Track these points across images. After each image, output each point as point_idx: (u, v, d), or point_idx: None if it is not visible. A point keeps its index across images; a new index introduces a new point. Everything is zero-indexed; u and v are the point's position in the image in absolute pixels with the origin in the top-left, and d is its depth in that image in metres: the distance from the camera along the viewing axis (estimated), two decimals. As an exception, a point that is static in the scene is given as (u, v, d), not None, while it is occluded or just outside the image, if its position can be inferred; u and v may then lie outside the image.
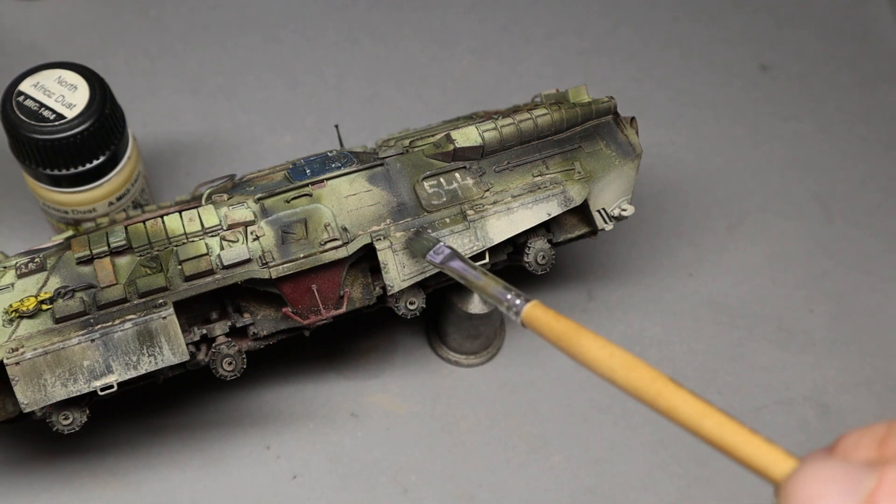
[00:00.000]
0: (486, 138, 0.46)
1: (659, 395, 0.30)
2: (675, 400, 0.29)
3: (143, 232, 0.43)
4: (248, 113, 0.60)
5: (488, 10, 0.65)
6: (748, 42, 0.65)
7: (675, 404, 0.29)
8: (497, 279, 0.37)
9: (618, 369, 0.31)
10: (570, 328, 0.33)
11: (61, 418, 0.42)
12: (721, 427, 0.28)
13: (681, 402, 0.29)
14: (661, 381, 0.30)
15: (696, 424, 0.29)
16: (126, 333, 0.41)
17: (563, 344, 0.33)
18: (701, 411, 0.29)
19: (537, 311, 0.35)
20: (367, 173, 0.45)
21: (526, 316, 0.35)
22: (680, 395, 0.29)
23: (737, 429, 0.28)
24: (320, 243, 0.43)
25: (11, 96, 0.47)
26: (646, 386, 0.30)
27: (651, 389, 0.30)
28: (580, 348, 0.32)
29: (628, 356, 0.31)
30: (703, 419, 0.29)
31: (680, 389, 0.30)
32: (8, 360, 0.40)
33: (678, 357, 0.53)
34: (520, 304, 0.36)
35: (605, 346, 0.32)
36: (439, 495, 0.48)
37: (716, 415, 0.29)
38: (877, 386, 0.52)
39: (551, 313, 0.34)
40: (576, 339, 0.32)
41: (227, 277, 0.42)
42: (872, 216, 0.58)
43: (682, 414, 0.29)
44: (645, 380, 0.30)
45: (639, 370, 0.30)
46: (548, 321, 0.34)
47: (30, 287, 0.42)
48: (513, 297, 0.36)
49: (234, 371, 0.44)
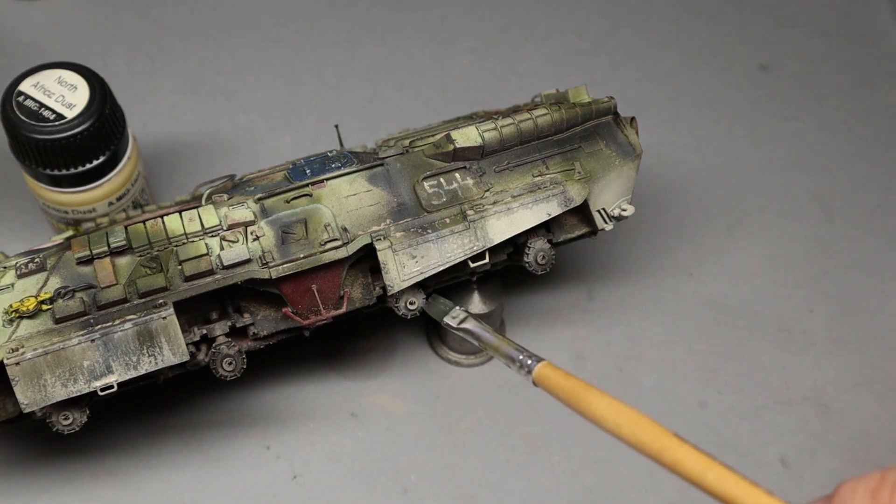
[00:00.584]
0: (486, 138, 0.46)
1: (664, 451, 0.32)
2: (678, 454, 0.31)
3: (143, 232, 0.43)
4: (248, 113, 0.60)
5: (488, 10, 0.65)
6: (748, 42, 0.65)
7: (678, 458, 0.31)
8: (511, 341, 0.40)
9: (624, 425, 0.33)
10: (579, 387, 0.35)
11: (61, 418, 0.42)
12: (723, 480, 0.30)
13: (684, 456, 0.31)
14: (666, 436, 0.32)
15: (700, 478, 0.31)
16: (126, 334, 0.41)
17: (573, 402, 0.35)
18: (703, 465, 0.31)
19: (547, 371, 0.37)
20: (367, 173, 0.45)
21: (537, 375, 0.38)
22: (683, 450, 0.31)
23: (738, 481, 0.30)
24: (320, 243, 0.43)
25: (11, 96, 0.47)
26: (650, 442, 0.32)
27: (656, 445, 0.32)
28: (588, 406, 0.34)
29: (633, 413, 0.33)
30: (706, 472, 0.31)
31: (683, 444, 0.31)
32: (8, 360, 0.40)
33: (678, 357, 0.53)
34: (531, 363, 0.38)
35: (611, 404, 0.34)
36: (439, 495, 0.48)
37: (717, 468, 0.31)
38: (877, 386, 0.52)
39: (560, 373, 0.37)
40: (584, 397, 0.34)
41: (227, 278, 0.42)
42: (872, 216, 0.58)
43: (686, 468, 0.31)
44: (650, 435, 0.32)
45: (643, 426, 0.32)
46: (557, 380, 0.36)
47: (30, 287, 0.42)
48: (525, 357, 0.39)
49: (234, 371, 0.44)
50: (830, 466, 0.50)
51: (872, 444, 0.50)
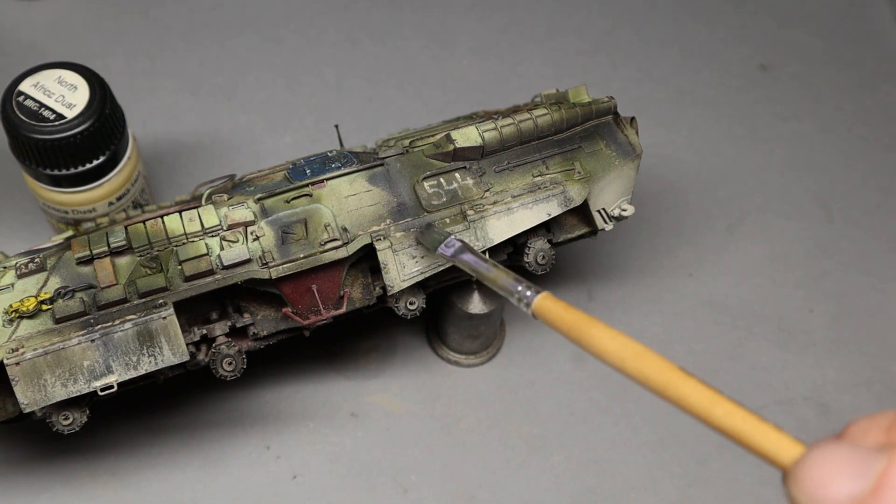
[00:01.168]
0: (486, 138, 0.46)
1: (669, 384, 0.30)
2: (684, 388, 0.30)
3: (143, 232, 0.43)
4: (248, 113, 0.60)
5: (488, 10, 0.65)
6: (748, 42, 0.65)
7: (685, 393, 0.30)
8: (508, 271, 0.38)
9: (628, 359, 0.31)
10: (581, 319, 0.33)
11: (61, 418, 0.42)
12: (731, 415, 0.29)
13: (690, 390, 0.29)
14: (671, 370, 0.30)
15: (706, 412, 0.29)
16: (126, 334, 0.41)
17: (574, 334, 0.33)
18: (711, 399, 0.29)
19: (548, 303, 0.35)
20: (367, 173, 0.45)
21: (537, 307, 0.35)
22: (690, 384, 0.30)
23: (746, 416, 0.28)
24: (320, 243, 0.43)
25: (11, 96, 0.47)
26: (655, 375, 0.30)
27: (661, 378, 0.30)
28: (591, 338, 0.32)
29: (638, 346, 0.31)
30: (713, 407, 0.29)
31: (689, 378, 0.30)
32: (8, 360, 0.40)
33: (678, 357, 0.53)
34: (530, 295, 0.36)
35: (615, 337, 0.32)
36: (439, 495, 0.48)
37: (725, 403, 0.29)
38: (877, 386, 0.52)
39: (561, 304, 0.34)
40: (586, 329, 0.33)
41: (227, 278, 0.42)
42: (872, 216, 0.58)
43: (692, 402, 0.29)
44: (655, 369, 0.30)
45: (649, 360, 0.31)
46: (558, 312, 0.34)
47: (30, 287, 0.42)
48: (523, 288, 0.36)
49: (234, 371, 0.44)
50: (830, 466, 0.49)
51: (872, 444, 0.50)
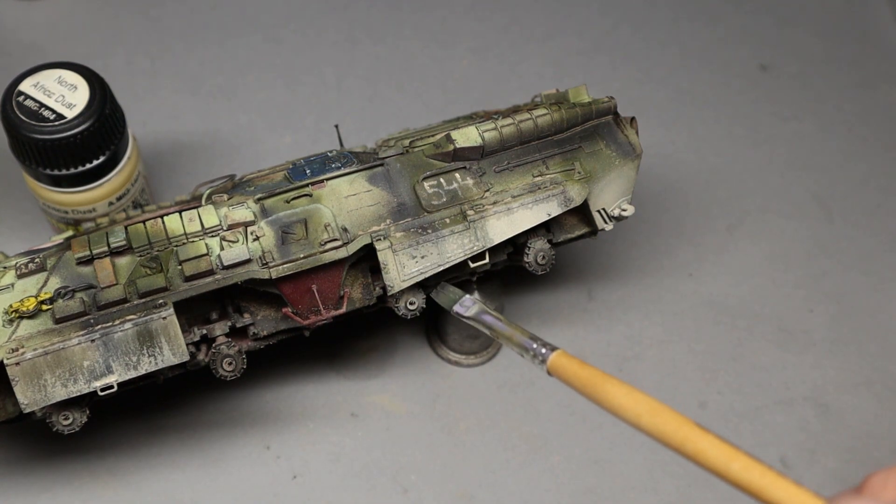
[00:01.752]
0: (487, 138, 0.46)
1: (686, 440, 0.30)
2: (701, 444, 0.30)
3: (143, 232, 0.43)
4: (248, 113, 0.60)
5: (488, 10, 0.65)
6: (748, 42, 0.65)
7: (702, 448, 0.30)
8: (523, 329, 0.38)
9: (644, 415, 0.31)
10: (595, 376, 0.33)
11: (61, 418, 0.42)
12: (748, 470, 0.29)
13: (708, 446, 0.30)
14: (688, 426, 0.30)
15: (724, 468, 0.29)
16: (126, 334, 0.41)
17: (589, 391, 0.33)
18: (728, 455, 0.29)
19: (563, 360, 0.36)
20: (367, 173, 0.45)
21: (552, 365, 0.36)
22: (706, 440, 0.30)
23: (764, 471, 0.29)
24: (320, 243, 0.43)
25: (11, 96, 0.47)
26: (672, 432, 0.31)
27: (678, 435, 0.30)
28: (606, 395, 0.33)
29: (654, 402, 0.31)
30: (731, 462, 0.29)
31: (706, 434, 0.30)
32: (8, 360, 0.40)
33: (678, 357, 0.53)
34: (545, 353, 0.37)
35: (630, 393, 0.32)
36: (439, 495, 0.48)
37: (742, 458, 0.29)
38: (877, 386, 0.52)
39: (576, 361, 0.35)
40: (601, 386, 0.33)
41: (227, 278, 0.42)
42: (872, 216, 0.58)
43: (710, 458, 0.30)
44: (671, 425, 0.31)
45: (664, 416, 0.31)
46: (573, 369, 0.35)
47: (30, 287, 0.42)
48: (538, 346, 0.37)
49: (234, 371, 0.44)
50: (830, 466, 0.50)
51: (872, 444, 0.50)
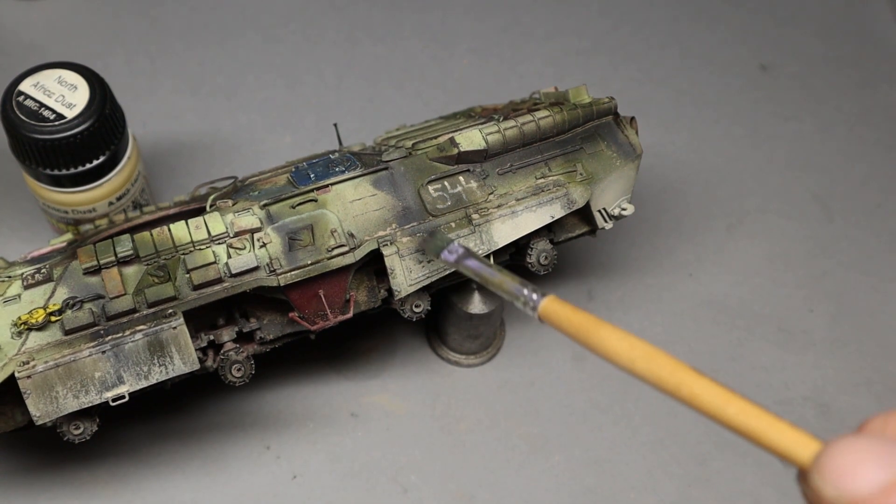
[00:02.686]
0: (490, 141, 0.46)
1: (681, 384, 0.30)
2: (697, 388, 0.29)
3: (149, 241, 0.43)
4: (248, 113, 0.60)
5: (488, 10, 0.65)
6: (748, 42, 0.65)
7: (697, 392, 0.29)
8: (513, 275, 0.37)
9: (638, 360, 0.31)
10: (589, 321, 0.33)
11: (72, 428, 0.42)
12: (745, 413, 0.28)
13: (703, 389, 0.29)
14: (683, 370, 0.30)
15: (720, 411, 0.29)
16: (137, 344, 0.41)
17: (582, 337, 0.33)
18: (724, 398, 0.29)
19: (555, 305, 0.35)
20: (371, 177, 0.45)
21: (543, 310, 0.35)
22: (702, 383, 0.29)
23: (760, 414, 0.28)
24: (327, 249, 0.43)
25: (11, 96, 0.47)
26: (667, 376, 0.30)
27: (673, 379, 0.30)
28: (599, 340, 0.32)
29: (648, 346, 0.31)
30: (727, 406, 0.29)
31: (701, 378, 0.30)
32: (20, 373, 0.40)
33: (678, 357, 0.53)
34: (536, 298, 0.36)
35: (624, 338, 0.32)
36: (439, 495, 0.48)
37: (739, 401, 0.29)
38: (877, 386, 0.52)
39: (568, 307, 0.34)
40: (595, 331, 0.32)
41: (235, 286, 0.42)
42: (872, 216, 0.58)
43: (705, 402, 0.29)
44: (666, 369, 0.30)
45: (659, 360, 0.31)
46: (566, 314, 0.34)
47: (37, 298, 0.42)
48: (529, 291, 0.36)
49: (243, 377, 0.44)
50: (830, 466, 0.50)
51: (872, 444, 0.50)
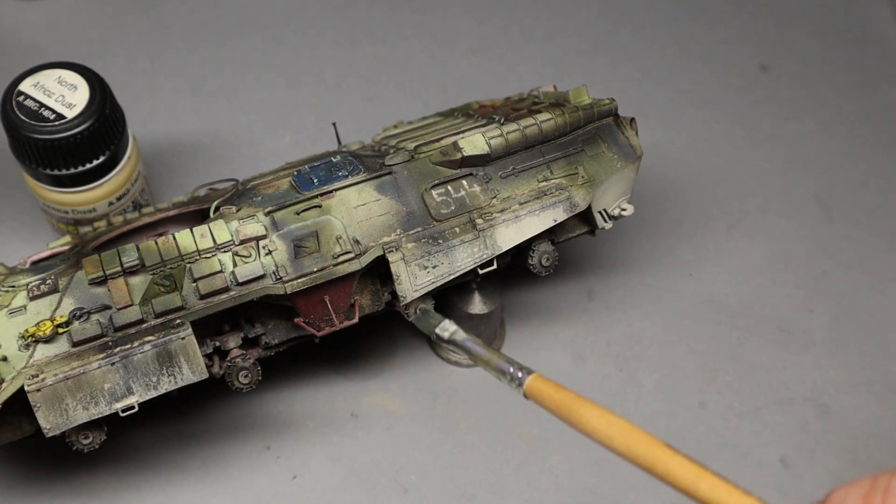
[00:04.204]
0: (493, 145, 0.46)
1: (656, 461, 0.32)
2: (671, 464, 0.31)
3: (154, 250, 0.43)
4: (248, 113, 0.60)
5: (488, 10, 0.65)
6: (748, 42, 0.65)
7: (671, 468, 0.31)
8: (500, 354, 0.39)
9: (616, 437, 0.33)
10: (570, 399, 0.35)
11: (81, 438, 0.42)
12: (715, 489, 0.30)
13: (676, 466, 0.31)
14: (658, 447, 0.32)
15: (692, 487, 0.31)
16: (146, 356, 0.41)
17: (564, 414, 0.35)
18: (696, 475, 0.31)
19: (538, 383, 0.37)
20: (375, 182, 0.45)
21: (528, 388, 0.37)
22: (676, 461, 0.31)
23: (731, 490, 0.31)
24: (333, 256, 0.43)
25: (11, 96, 0.47)
26: (643, 453, 0.32)
27: (648, 456, 0.32)
28: (579, 417, 0.34)
29: (625, 424, 0.33)
30: (699, 482, 0.31)
31: (675, 455, 0.31)
32: (29, 386, 0.40)
33: (678, 357, 0.53)
34: (522, 376, 0.38)
35: (602, 415, 0.34)
36: (439, 495, 0.48)
37: (710, 477, 0.31)
38: (877, 386, 0.52)
39: (551, 385, 0.36)
40: (575, 409, 0.34)
41: (242, 295, 0.42)
42: (872, 216, 0.58)
43: (679, 478, 0.31)
44: (642, 447, 0.32)
45: (635, 437, 0.32)
46: (548, 392, 0.36)
47: (43, 309, 0.42)
48: (515, 370, 0.38)
49: (250, 383, 0.44)
50: (830, 466, 0.50)
51: (872, 444, 0.50)
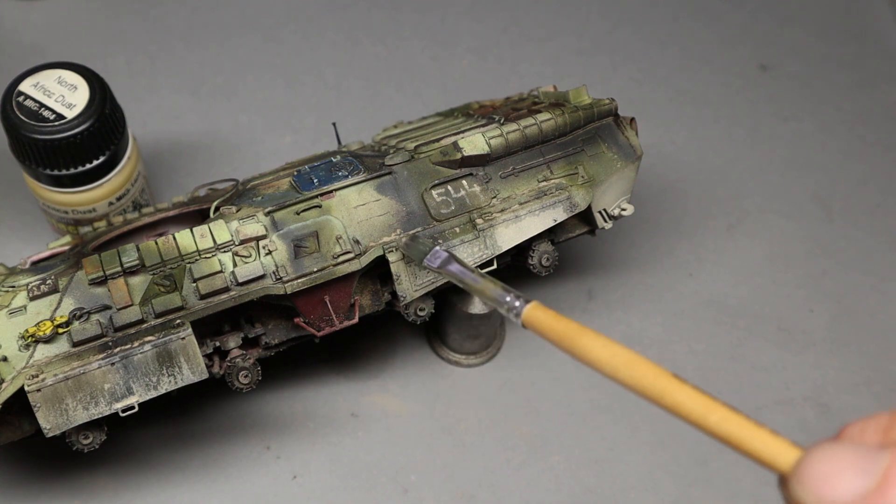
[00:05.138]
0: (493, 145, 0.46)
1: (664, 392, 0.30)
2: (679, 396, 0.30)
3: (154, 250, 0.43)
4: (248, 113, 0.60)
5: (488, 10, 0.65)
6: (748, 42, 0.65)
7: (679, 400, 0.29)
8: (496, 281, 0.37)
9: (621, 368, 0.31)
10: (572, 328, 0.33)
11: (81, 438, 0.42)
12: (726, 421, 0.29)
13: (685, 397, 0.29)
14: (665, 377, 0.30)
15: (702, 419, 0.29)
16: (146, 356, 0.41)
17: (565, 344, 0.33)
18: (706, 406, 0.29)
19: (538, 312, 0.35)
20: (375, 182, 0.45)
21: (526, 317, 0.35)
22: (684, 391, 0.29)
23: (742, 421, 0.28)
24: (333, 256, 0.43)
25: (11, 96, 0.47)
26: (650, 383, 0.30)
27: (655, 386, 0.30)
28: (582, 348, 0.32)
29: (630, 354, 0.31)
30: (709, 414, 0.29)
31: (684, 385, 0.30)
32: (29, 386, 0.40)
33: (678, 357, 0.53)
34: (520, 305, 0.35)
35: (607, 345, 0.32)
36: (439, 495, 0.48)
37: (720, 409, 0.29)
38: (877, 386, 0.52)
39: (551, 313, 0.34)
40: (577, 338, 0.32)
41: (242, 295, 0.42)
42: (872, 216, 0.58)
43: (687, 409, 0.29)
44: (648, 377, 0.30)
45: (642, 367, 0.31)
46: (549, 321, 0.34)
47: (43, 309, 0.42)
48: (512, 298, 0.36)
49: (250, 383, 0.44)
50: (830, 466, 0.50)
51: (872, 444, 0.50)
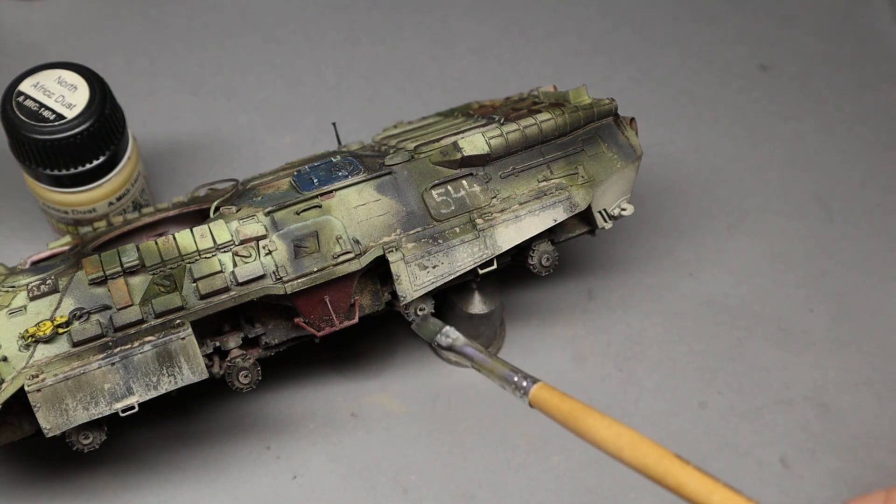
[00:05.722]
0: (493, 145, 0.46)
1: (667, 473, 0.31)
2: (682, 477, 0.31)
3: (154, 250, 0.43)
4: (248, 113, 0.60)
5: (488, 10, 0.65)
6: (748, 42, 0.65)
7: (682, 481, 0.31)
8: (504, 362, 0.38)
9: (625, 448, 0.32)
10: (577, 408, 0.34)
11: (81, 438, 0.42)
12: (728, 502, 0.30)
13: (688, 478, 0.31)
14: (668, 458, 0.31)
15: (704, 500, 0.30)
16: (146, 356, 0.41)
17: (570, 424, 0.34)
18: (708, 487, 0.30)
19: (544, 393, 0.36)
20: (375, 182, 0.45)
21: (533, 397, 0.36)
22: (687, 472, 0.31)
23: (743, 503, 0.29)
24: (333, 256, 0.43)
25: (11, 96, 0.47)
26: (653, 464, 0.31)
27: (659, 467, 0.31)
28: (587, 428, 0.33)
29: (634, 435, 0.32)
30: (711, 495, 0.30)
31: (686, 466, 0.31)
32: (29, 387, 0.40)
33: (678, 357, 0.53)
34: (527, 385, 0.37)
35: (611, 426, 0.33)
36: (439, 495, 0.48)
37: (722, 490, 0.30)
38: (877, 386, 0.52)
39: (557, 394, 0.35)
40: (583, 419, 0.33)
41: (242, 295, 0.42)
42: (872, 216, 0.58)
43: (690, 490, 0.30)
44: (652, 458, 0.31)
45: (645, 448, 0.32)
46: (555, 402, 0.35)
47: (43, 309, 0.42)
48: (520, 378, 0.37)
49: (250, 383, 0.44)
50: (830, 466, 0.50)
51: (872, 444, 0.50)
